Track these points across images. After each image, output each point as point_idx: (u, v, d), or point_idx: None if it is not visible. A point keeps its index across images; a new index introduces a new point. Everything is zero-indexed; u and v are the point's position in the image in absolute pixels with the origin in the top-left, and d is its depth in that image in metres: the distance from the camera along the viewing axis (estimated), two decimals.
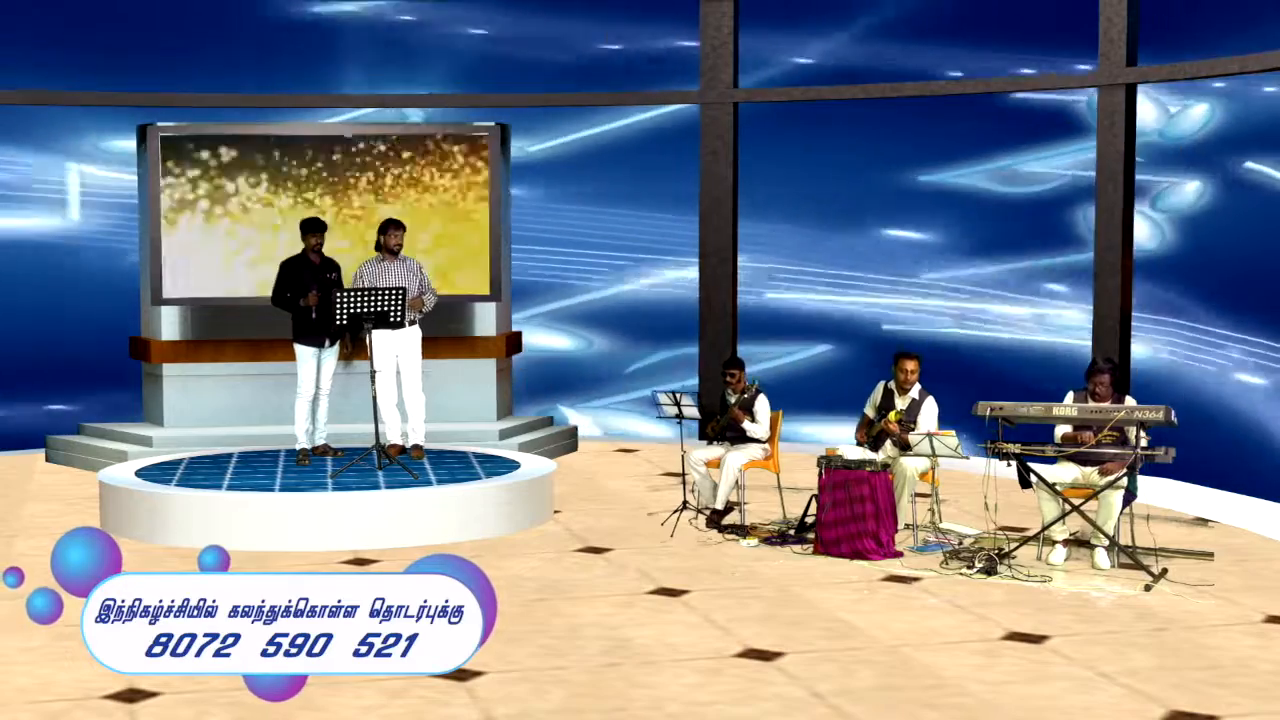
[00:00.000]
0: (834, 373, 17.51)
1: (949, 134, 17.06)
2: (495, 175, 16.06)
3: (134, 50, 17.48)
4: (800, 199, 17.83)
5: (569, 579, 11.06)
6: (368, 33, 18.05)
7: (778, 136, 17.68)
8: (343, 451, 14.00)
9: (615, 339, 18.27)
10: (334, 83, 17.86)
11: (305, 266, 13.96)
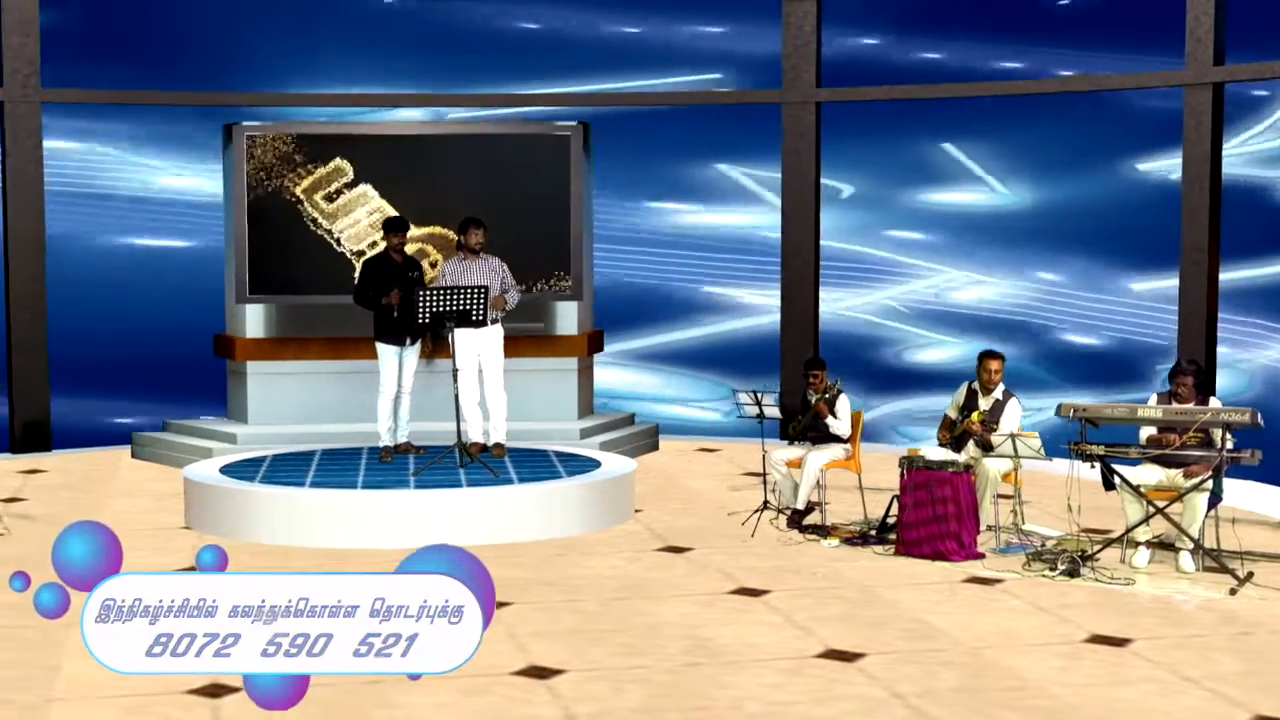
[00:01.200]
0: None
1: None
2: (577, 173, 16.08)
3: (218, 49, 17.60)
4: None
5: (650, 578, 11.06)
6: (448, 31, 18.09)
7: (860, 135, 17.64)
8: (425, 449, 14.06)
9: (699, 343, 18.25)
10: (418, 81, 17.91)
11: (387, 265, 14.03)
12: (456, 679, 8.55)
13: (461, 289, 13.35)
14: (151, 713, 8.07)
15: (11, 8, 16.60)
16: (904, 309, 17.64)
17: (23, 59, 16.69)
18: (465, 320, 13.40)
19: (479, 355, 13.99)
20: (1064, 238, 16.91)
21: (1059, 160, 16.93)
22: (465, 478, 12.89)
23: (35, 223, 16.88)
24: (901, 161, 17.68)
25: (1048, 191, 17.09)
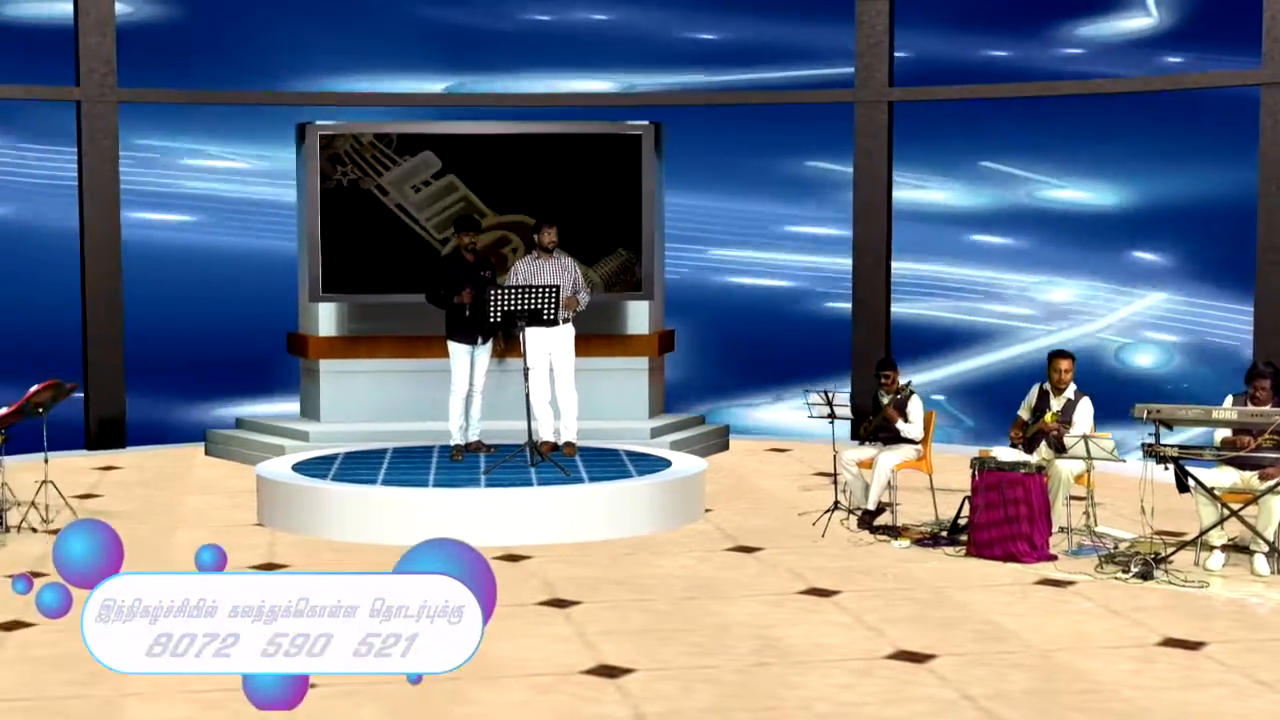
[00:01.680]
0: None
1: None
2: (649, 173, 16.08)
3: (292, 48, 17.70)
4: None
5: (720, 578, 11.06)
6: (524, 30, 18.14)
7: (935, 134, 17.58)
8: (496, 448, 14.10)
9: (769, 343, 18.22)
10: (488, 81, 17.97)
11: (459, 264, 14.07)
12: (529, 677, 8.59)
13: (533, 288, 13.38)
14: (226, 708, 8.13)
15: (88, 8, 16.75)
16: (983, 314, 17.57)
17: (99, 58, 16.83)
18: (536, 319, 13.43)
19: (550, 354, 14.02)
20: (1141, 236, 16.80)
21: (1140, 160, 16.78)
22: (536, 476, 12.92)
23: (111, 221, 17.02)
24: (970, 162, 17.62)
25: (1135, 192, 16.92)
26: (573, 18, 18.23)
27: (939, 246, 17.68)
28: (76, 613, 9.30)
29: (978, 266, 17.60)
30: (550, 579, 10.94)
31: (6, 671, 8.81)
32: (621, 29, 18.24)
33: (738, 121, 18.02)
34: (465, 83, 18.01)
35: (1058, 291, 17.26)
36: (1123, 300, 16.94)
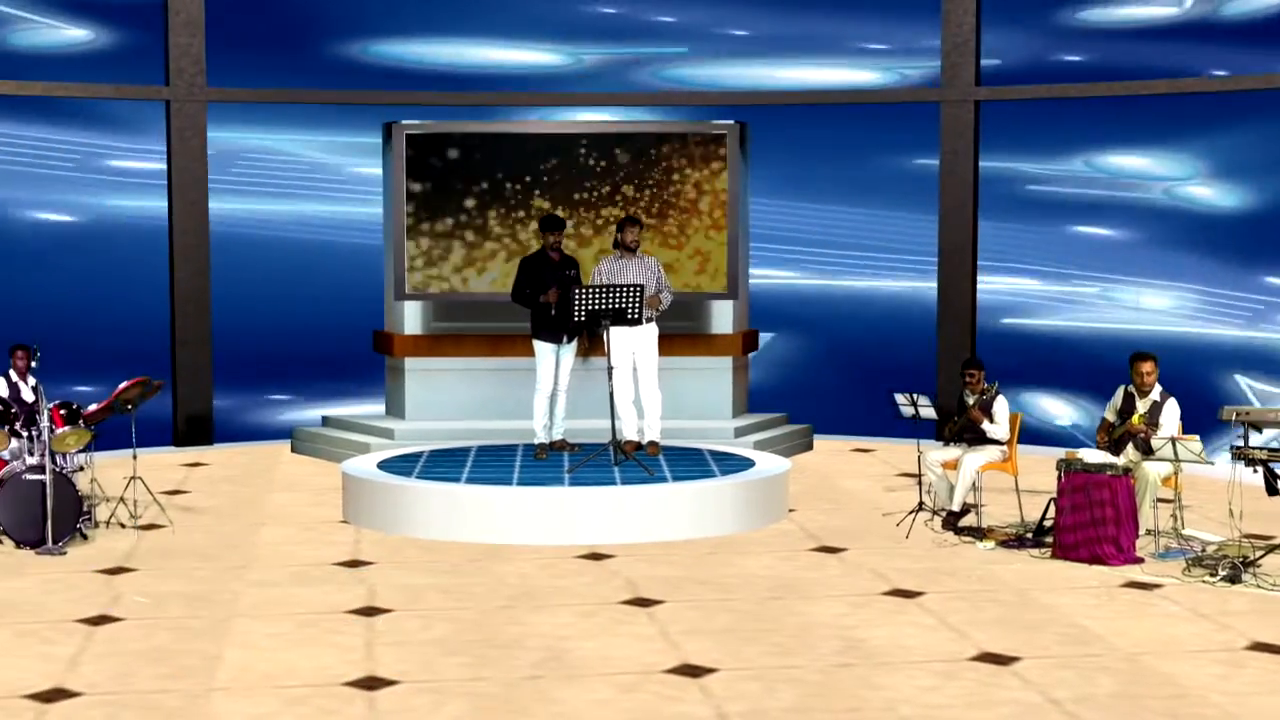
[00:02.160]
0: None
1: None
2: (734, 173, 16.07)
3: (378, 47, 17.80)
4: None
5: (803, 578, 11.04)
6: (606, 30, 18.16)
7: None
8: (579, 447, 14.12)
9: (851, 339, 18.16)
10: (577, 80, 18.00)
11: (544, 264, 14.10)
12: (611, 676, 8.61)
13: (618, 287, 13.39)
14: (311, 704, 8.18)
15: (178, 8, 16.89)
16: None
17: (189, 58, 16.98)
18: (621, 319, 13.45)
19: (633, 353, 14.03)
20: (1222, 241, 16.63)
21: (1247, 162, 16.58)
22: (619, 475, 12.93)
23: (199, 220, 17.17)
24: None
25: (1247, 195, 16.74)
26: (648, 16, 18.23)
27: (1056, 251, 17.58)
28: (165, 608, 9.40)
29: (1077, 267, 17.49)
30: (633, 578, 10.96)
31: (97, 665, 8.90)
32: (701, 27, 18.23)
33: (821, 121, 17.97)
34: (549, 81, 18.04)
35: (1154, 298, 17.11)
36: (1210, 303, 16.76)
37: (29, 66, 16.75)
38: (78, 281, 16.97)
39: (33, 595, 10.52)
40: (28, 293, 16.59)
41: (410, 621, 9.85)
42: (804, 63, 18.12)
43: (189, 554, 11.88)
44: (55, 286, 16.82)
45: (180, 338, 17.21)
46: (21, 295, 16.51)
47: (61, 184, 17.11)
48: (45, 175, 17.07)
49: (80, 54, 17.07)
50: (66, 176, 17.14)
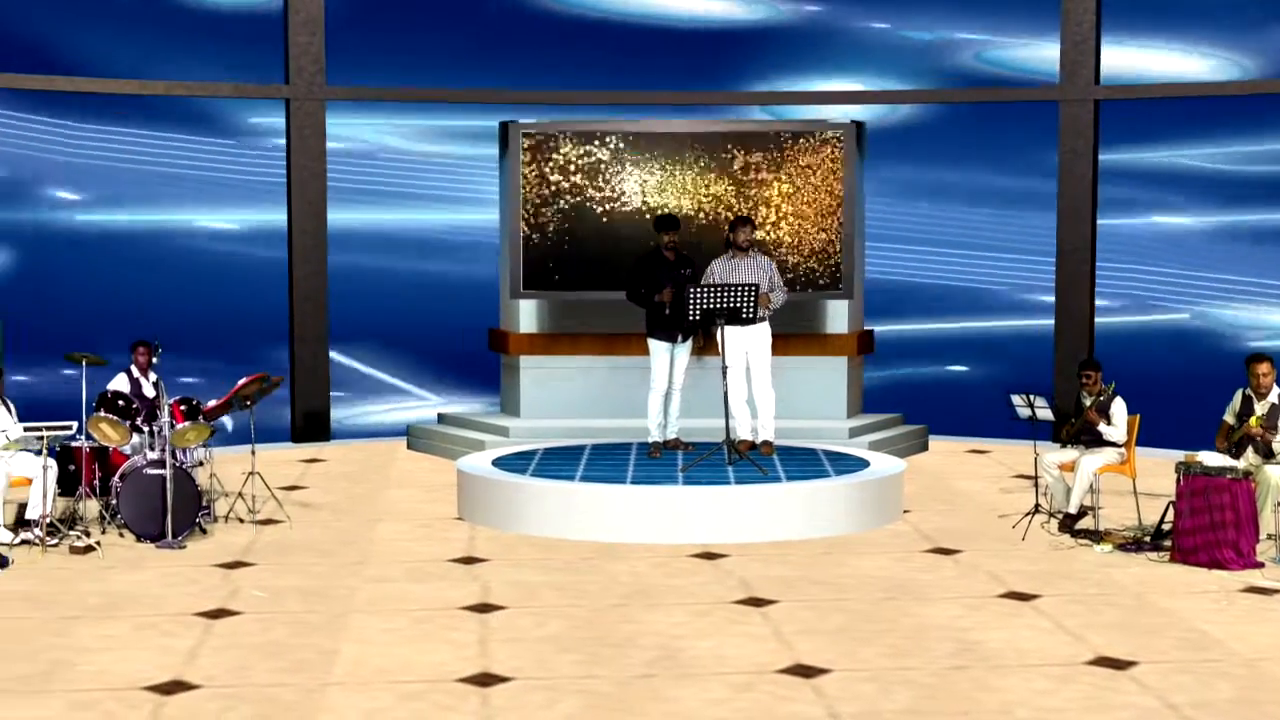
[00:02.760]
0: None
1: None
2: (849, 172, 16.00)
3: (495, 46, 17.87)
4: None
5: (918, 579, 10.98)
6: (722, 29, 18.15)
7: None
8: (693, 446, 14.10)
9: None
10: (694, 79, 18.00)
11: (659, 262, 14.10)
12: (724, 675, 8.60)
13: (732, 287, 13.38)
14: (425, 700, 8.23)
15: (298, 7, 17.04)
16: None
17: (309, 56, 17.12)
18: (735, 318, 13.43)
19: (747, 352, 14.00)
20: None
21: None
22: (733, 475, 12.92)
23: (318, 218, 17.32)
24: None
25: None
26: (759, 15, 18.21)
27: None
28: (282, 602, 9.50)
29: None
30: (747, 577, 10.94)
31: (215, 658, 8.99)
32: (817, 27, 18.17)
33: (939, 119, 17.87)
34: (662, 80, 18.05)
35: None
36: None
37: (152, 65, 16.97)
38: (199, 278, 17.16)
39: (152, 588, 10.65)
40: (149, 289, 16.80)
41: (524, 619, 9.88)
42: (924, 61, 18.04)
43: (306, 549, 11.99)
44: (177, 283, 17.02)
45: (299, 335, 17.36)
46: (143, 292, 16.72)
47: (184, 182, 17.30)
48: (166, 174, 17.27)
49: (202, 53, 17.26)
50: (188, 175, 17.33)
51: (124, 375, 13.28)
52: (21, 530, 12.11)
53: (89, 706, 8.13)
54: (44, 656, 9.02)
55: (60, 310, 16.46)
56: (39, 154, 16.81)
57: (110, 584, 10.77)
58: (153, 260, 17.07)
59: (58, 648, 9.21)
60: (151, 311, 16.21)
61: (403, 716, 7.98)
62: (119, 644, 9.30)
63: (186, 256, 17.26)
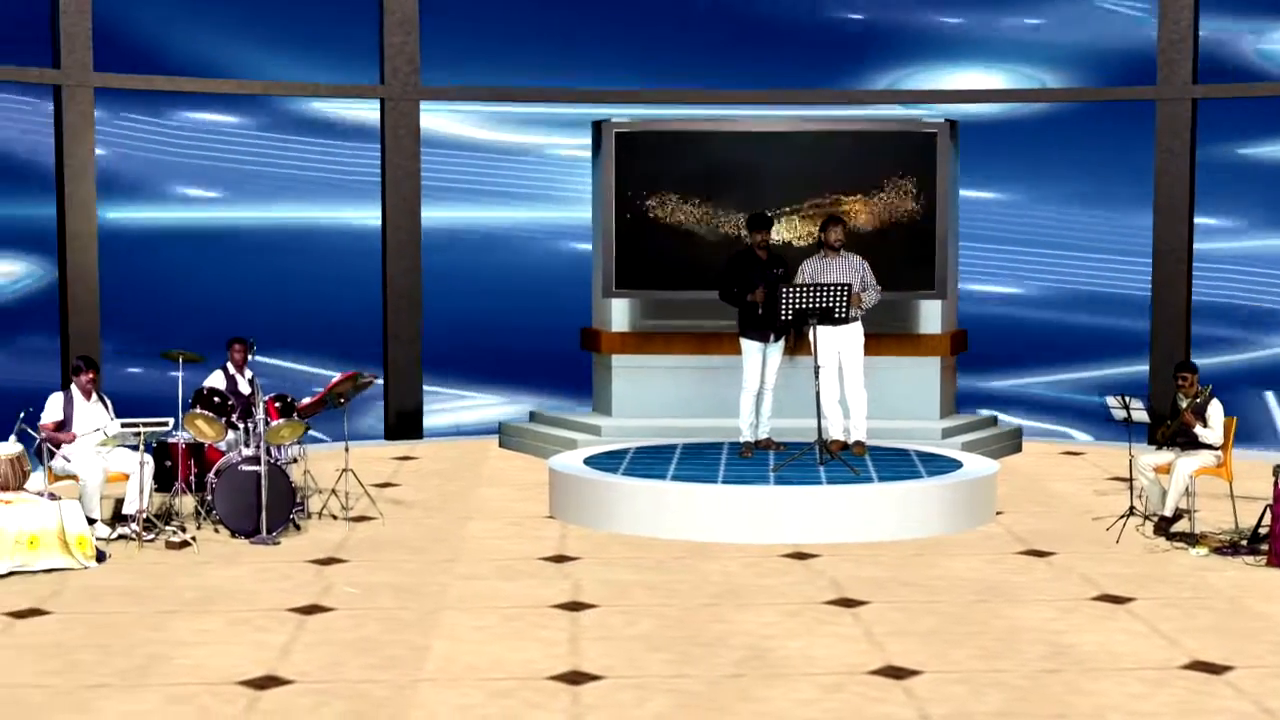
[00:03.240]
0: None
1: None
2: (943, 171, 15.92)
3: (587, 46, 17.90)
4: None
5: (1010, 581, 10.91)
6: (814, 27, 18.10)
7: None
8: (785, 446, 14.08)
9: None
10: (787, 78, 17.96)
11: (752, 262, 14.09)
12: (815, 676, 8.59)
13: (825, 286, 13.35)
14: (516, 697, 8.26)
15: (393, 7, 17.14)
16: None
17: (403, 57, 17.22)
18: (827, 317, 13.40)
19: (839, 352, 13.96)
20: None
21: None
22: (825, 475, 12.89)
23: (412, 218, 17.41)
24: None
25: None
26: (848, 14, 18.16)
27: None
28: (374, 598, 9.57)
29: None
30: (838, 578, 10.91)
31: (308, 654, 9.06)
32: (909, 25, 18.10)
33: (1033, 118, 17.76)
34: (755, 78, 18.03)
35: None
36: None
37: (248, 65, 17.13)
38: (294, 277, 17.28)
39: (247, 584, 10.75)
40: (247, 287, 16.94)
41: (615, 617, 9.90)
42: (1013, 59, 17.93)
43: (398, 546, 12.06)
44: (273, 281, 17.16)
45: (392, 333, 17.47)
46: (240, 290, 16.87)
47: (281, 182, 17.43)
48: (264, 173, 17.40)
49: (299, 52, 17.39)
50: (284, 174, 17.46)
51: (220, 372, 13.42)
52: (119, 525, 12.26)
53: (184, 700, 8.21)
54: (140, 651, 9.12)
55: (158, 307, 16.63)
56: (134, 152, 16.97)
57: (205, 579, 10.88)
58: (249, 258, 17.19)
59: (154, 642, 9.31)
60: (247, 309, 16.37)
61: (493, 713, 8.01)
62: (214, 639, 9.39)
63: (286, 254, 17.37)
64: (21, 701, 8.20)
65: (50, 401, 12.47)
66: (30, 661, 8.93)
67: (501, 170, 18.14)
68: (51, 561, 11.08)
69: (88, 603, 10.27)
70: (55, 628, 9.66)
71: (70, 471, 12.25)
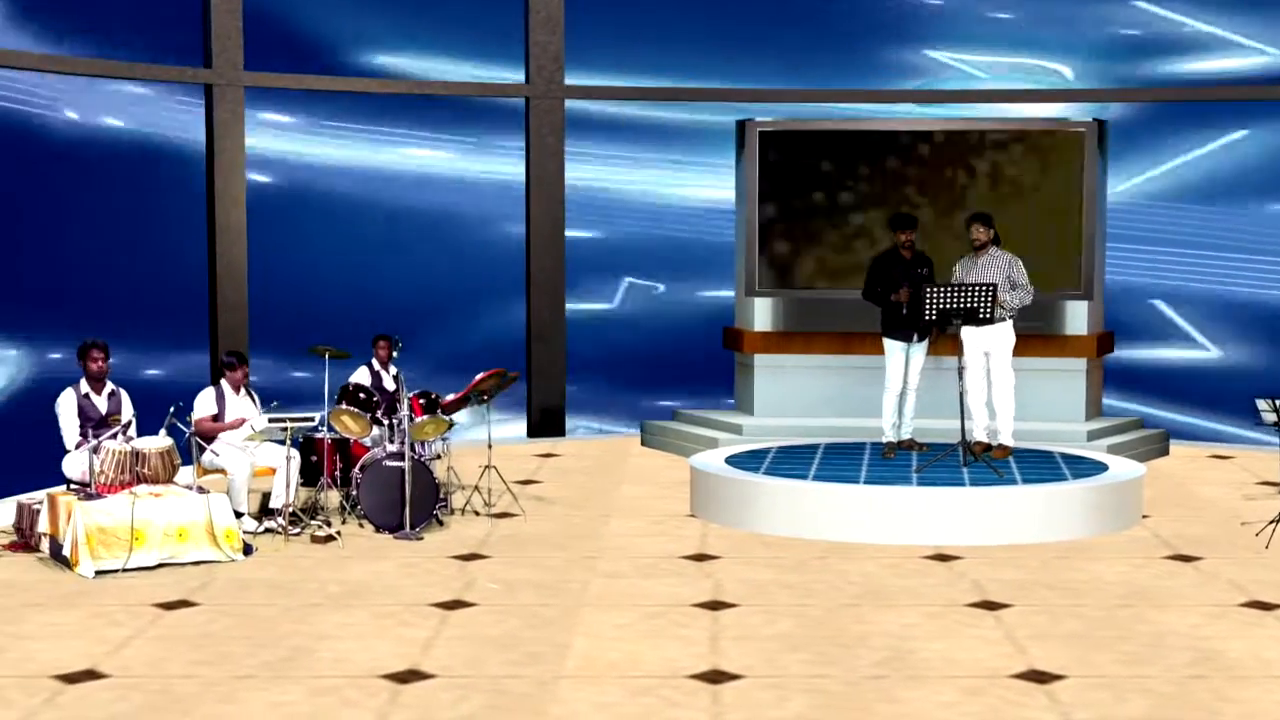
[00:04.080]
0: None
1: None
2: (1091, 171, 15.74)
3: (734, 45, 17.89)
4: None
5: (1156, 586, 10.78)
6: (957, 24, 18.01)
7: None
8: (928, 446, 14.00)
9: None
10: (927, 77, 17.87)
11: (896, 262, 14.01)
12: (957, 679, 8.53)
13: (969, 286, 13.24)
14: (655, 695, 8.27)
15: (538, 6, 17.23)
16: None
17: (548, 56, 17.30)
18: (972, 318, 13.30)
19: (987, 353, 13.84)
20: None
21: None
22: (968, 476, 12.79)
23: (555, 217, 17.49)
24: None
25: None
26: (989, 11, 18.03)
27: None
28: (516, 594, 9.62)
29: None
30: (980, 580, 10.83)
31: (450, 648, 9.13)
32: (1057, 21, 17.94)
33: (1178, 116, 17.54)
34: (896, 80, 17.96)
35: None
36: None
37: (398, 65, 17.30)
38: (440, 275, 17.43)
39: (390, 579, 10.85)
40: (391, 285, 17.11)
41: (755, 617, 9.89)
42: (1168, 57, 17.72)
43: (540, 543, 12.11)
44: (418, 279, 17.31)
45: (535, 332, 17.56)
46: (385, 287, 17.03)
47: (423, 179, 17.58)
48: (407, 170, 17.56)
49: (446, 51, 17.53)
50: (427, 171, 17.60)
51: (365, 368, 13.56)
52: (265, 519, 12.43)
53: (328, 693, 8.30)
54: (286, 643, 9.24)
55: (304, 303, 16.83)
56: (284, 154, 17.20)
57: (349, 573, 10.99)
58: (393, 255, 17.35)
59: (299, 635, 9.42)
60: (391, 305, 16.52)
61: (632, 711, 8.03)
62: (357, 632, 9.48)
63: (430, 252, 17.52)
64: (171, 691, 8.33)
65: (202, 396, 12.67)
66: (179, 652, 9.07)
67: (645, 166, 18.16)
68: (199, 554, 11.26)
69: (234, 595, 10.41)
70: (203, 619, 9.81)
71: (218, 465, 12.44)
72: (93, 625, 9.65)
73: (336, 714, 7.98)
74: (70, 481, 11.84)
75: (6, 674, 8.65)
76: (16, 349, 14.95)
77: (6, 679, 8.55)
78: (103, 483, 11.38)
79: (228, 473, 12.37)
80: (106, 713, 7.98)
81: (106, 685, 8.44)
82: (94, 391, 11.99)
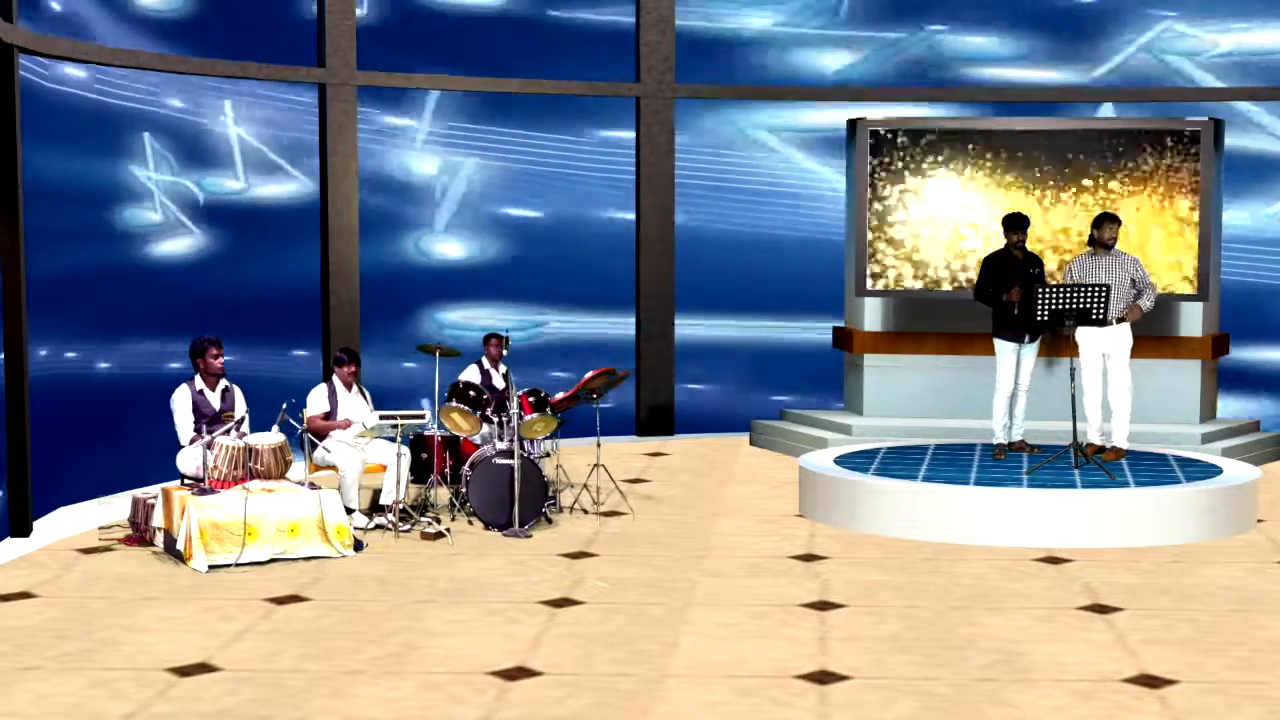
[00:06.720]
0: None
1: None
2: (1207, 171, 15.57)
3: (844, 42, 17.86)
4: None
5: (1271, 591, 10.64)
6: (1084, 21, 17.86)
7: None
8: (1039, 448, 13.90)
9: None
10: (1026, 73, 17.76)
11: (1008, 262, 13.90)
12: (1067, 682, 8.47)
13: (1082, 287, 13.12)
14: (762, 695, 8.26)
15: (649, 7, 17.25)
16: None
17: (658, 55, 17.32)
18: (1085, 319, 13.18)
19: (1104, 355, 13.70)
20: None
21: None
22: (1080, 478, 12.69)
23: (666, 214, 17.51)
24: None
25: None
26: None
27: None
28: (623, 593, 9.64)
29: None
30: (1092, 583, 10.74)
31: (557, 646, 9.16)
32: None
33: None
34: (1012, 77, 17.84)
35: None
36: None
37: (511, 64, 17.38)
38: (551, 275, 17.49)
39: (499, 576, 10.90)
40: (501, 283, 17.20)
41: (863, 618, 9.85)
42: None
43: (648, 541, 12.13)
44: (529, 279, 17.39)
45: (645, 331, 17.58)
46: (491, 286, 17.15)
47: (533, 179, 17.65)
48: (517, 171, 17.63)
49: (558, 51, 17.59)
50: (537, 172, 17.66)
51: (475, 366, 13.64)
52: (376, 515, 12.52)
53: (437, 689, 8.35)
54: (395, 639, 9.30)
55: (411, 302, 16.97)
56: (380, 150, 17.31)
57: (459, 570, 11.05)
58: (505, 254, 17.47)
59: (408, 630, 9.49)
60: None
61: (739, 711, 8.03)
62: (466, 629, 9.53)
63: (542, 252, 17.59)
64: (282, 685, 8.41)
65: (315, 393, 12.79)
66: (290, 646, 9.16)
67: (755, 167, 18.14)
68: (311, 549, 11.36)
69: (345, 591, 10.50)
70: (313, 614, 9.89)
71: (330, 462, 12.55)
72: (205, 619, 9.76)
73: (444, 710, 8.02)
74: (184, 477, 11.99)
75: (120, 666, 8.77)
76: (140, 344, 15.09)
77: (120, 671, 8.67)
78: (216, 478, 11.51)
79: (339, 469, 12.47)
80: (218, 706, 8.07)
81: (218, 679, 8.54)
82: (208, 388, 12.14)
